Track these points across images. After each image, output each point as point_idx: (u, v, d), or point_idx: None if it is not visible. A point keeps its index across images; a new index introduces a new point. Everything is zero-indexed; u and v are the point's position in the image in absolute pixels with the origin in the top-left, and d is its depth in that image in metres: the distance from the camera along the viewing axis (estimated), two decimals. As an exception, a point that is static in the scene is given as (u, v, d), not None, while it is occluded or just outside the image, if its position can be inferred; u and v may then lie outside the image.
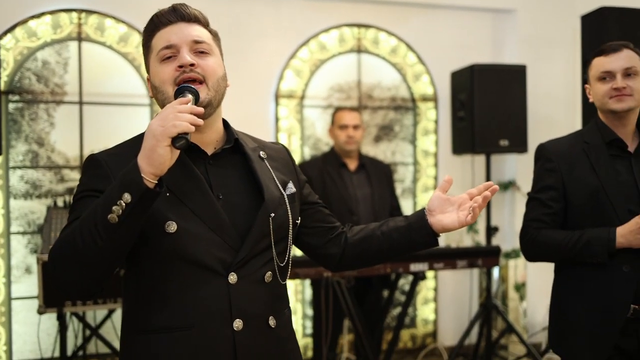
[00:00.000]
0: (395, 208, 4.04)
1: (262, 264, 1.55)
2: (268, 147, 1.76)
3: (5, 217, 4.16)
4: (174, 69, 1.53)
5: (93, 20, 4.34)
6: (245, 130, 3.80)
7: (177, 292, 1.47)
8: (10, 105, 4.19)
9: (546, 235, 2.35)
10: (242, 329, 1.49)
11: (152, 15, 1.62)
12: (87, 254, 1.35)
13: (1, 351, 4.16)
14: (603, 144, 2.32)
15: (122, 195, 1.31)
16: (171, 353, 1.46)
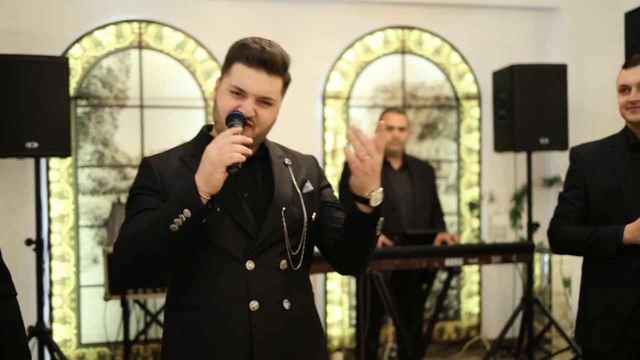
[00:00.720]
0: (436, 207, 4.19)
1: (277, 254, 1.77)
2: (296, 157, 1.94)
3: (75, 212, 4.56)
4: (236, 105, 1.74)
5: (152, 29, 4.68)
6: (293, 130, 4.10)
7: (203, 276, 1.74)
8: (79, 109, 4.57)
9: (566, 230, 2.54)
10: (258, 309, 1.72)
11: (244, 42, 1.79)
12: (149, 253, 1.64)
13: (72, 334, 4.55)
14: (627, 147, 2.47)
15: (183, 210, 1.59)
16: (198, 327, 1.73)
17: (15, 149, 3.84)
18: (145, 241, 1.62)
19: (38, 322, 3.97)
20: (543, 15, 5.29)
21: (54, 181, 4.51)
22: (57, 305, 4.51)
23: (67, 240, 4.53)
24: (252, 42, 1.77)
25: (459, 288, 5.22)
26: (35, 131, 3.85)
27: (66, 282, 4.53)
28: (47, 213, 4.45)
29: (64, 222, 4.53)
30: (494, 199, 5.04)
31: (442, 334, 5.20)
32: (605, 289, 2.45)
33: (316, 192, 1.89)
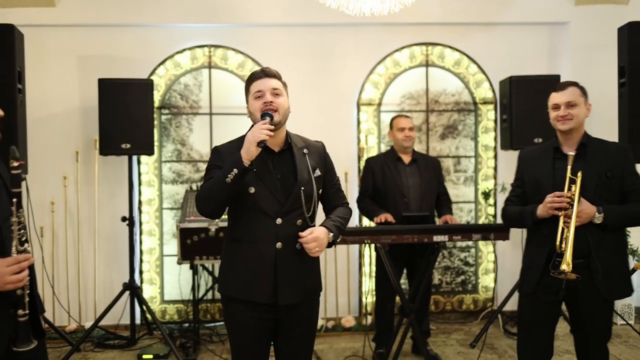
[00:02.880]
0: (443, 193, 5.04)
1: (296, 215, 2.80)
2: (311, 145, 2.95)
3: (159, 197, 5.81)
4: (262, 104, 2.79)
5: (219, 52, 5.85)
6: (332, 131, 5.30)
7: (249, 224, 2.75)
8: (162, 117, 5.81)
9: (508, 210, 3.49)
10: (281, 247, 2.76)
11: (251, 73, 2.86)
12: (215, 196, 2.64)
13: (157, 293, 5.82)
14: (552, 150, 3.36)
15: (233, 170, 2.57)
16: (244, 252, 2.75)
17: (113, 149, 5.13)
18: (212, 190, 2.63)
19: (130, 280, 5.24)
20: (553, 29, 6.05)
21: (144, 173, 5.78)
22: (146, 269, 5.79)
23: (153, 219, 5.80)
24: (255, 71, 2.88)
25: (476, 265, 6.10)
26: (128, 135, 5.13)
27: (152, 252, 5.80)
28: (138, 198, 5.73)
29: (151, 205, 5.80)
30: (505, 189, 5.86)
31: (462, 305, 6.10)
32: (531, 249, 3.36)
33: (322, 176, 2.91)
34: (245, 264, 2.76)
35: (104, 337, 5.40)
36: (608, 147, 3.36)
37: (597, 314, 3.22)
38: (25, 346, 2.25)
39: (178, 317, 5.82)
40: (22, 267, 2.21)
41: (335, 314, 5.85)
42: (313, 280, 2.88)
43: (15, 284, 2.20)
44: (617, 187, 3.24)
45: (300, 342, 2.88)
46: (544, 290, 3.25)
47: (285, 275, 2.74)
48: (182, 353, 4.96)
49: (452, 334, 5.66)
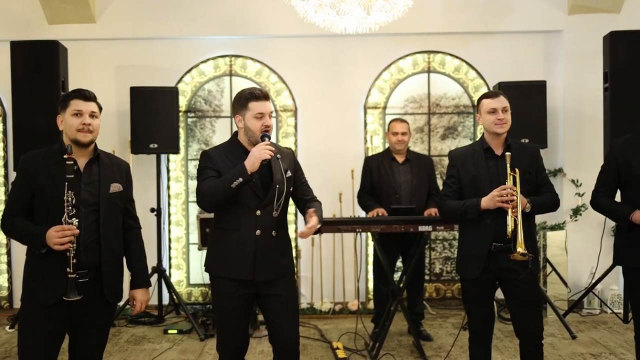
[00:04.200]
0: (433, 189, 5.53)
1: (272, 208, 3.37)
2: (283, 152, 3.53)
3: (186, 191, 6.51)
4: (262, 124, 3.30)
5: (239, 61, 6.52)
6: (342, 132, 6.30)
7: (235, 215, 3.26)
8: (189, 119, 6.51)
9: (448, 204, 3.84)
10: (260, 234, 3.33)
11: (249, 90, 3.29)
12: (219, 197, 3.14)
13: (183, 277, 6.53)
14: (482, 150, 3.82)
15: (239, 178, 3.08)
16: (229, 239, 3.27)
17: (143, 149, 5.86)
18: (218, 191, 3.13)
19: (158, 264, 5.95)
20: (548, 37, 6.50)
21: (172, 170, 6.49)
22: (174, 256, 6.50)
23: (180, 211, 6.51)
24: (254, 89, 3.39)
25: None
26: (156, 136, 5.84)
27: (179, 240, 6.51)
28: (167, 192, 6.43)
29: (178, 198, 6.51)
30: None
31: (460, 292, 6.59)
32: (472, 238, 3.76)
33: (292, 176, 3.48)
34: (230, 248, 3.31)
35: (137, 314, 6.11)
36: (525, 147, 3.81)
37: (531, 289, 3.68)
38: (69, 297, 2.91)
39: (202, 299, 6.51)
40: (66, 234, 2.89)
41: (342, 298, 6.44)
42: (285, 260, 3.43)
43: (59, 246, 2.89)
44: (534, 181, 3.71)
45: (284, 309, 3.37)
46: (487, 273, 3.68)
47: (262, 257, 3.30)
48: (203, 329, 5.63)
49: (449, 319, 6.17)
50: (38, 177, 3.01)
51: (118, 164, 3.26)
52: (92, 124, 3.06)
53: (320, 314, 6.25)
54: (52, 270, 2.96)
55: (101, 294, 3.07)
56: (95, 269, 3.04)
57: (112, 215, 3.14)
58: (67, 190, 2.93)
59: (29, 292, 3.04)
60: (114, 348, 5.30)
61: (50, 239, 2.88)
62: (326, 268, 6.49)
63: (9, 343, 5.46)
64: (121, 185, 3.21)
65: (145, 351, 5.22)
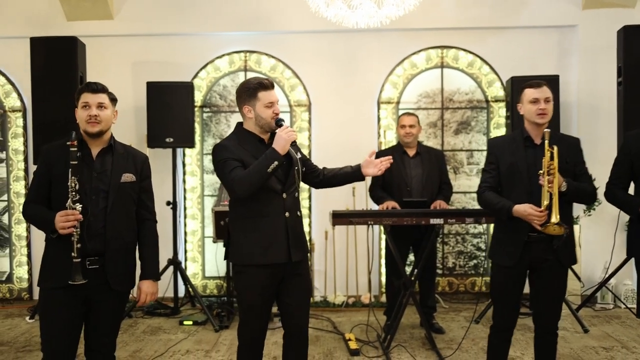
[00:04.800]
0: (444, 183, 5.57)
1: (293, 189, 3.49)
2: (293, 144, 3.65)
3: (201, 185, 6.60)
4: (273, 112, 3.40)
5: (254, 57, 6.59)
6: (355, 127, 6.36)
7: (263, 201, 3.32)
8: (204, 114, 6.60)
9: (485, 197, 3.88)
10: (289, 216, 3.42)
11: (257, 80, 3.38)
12: (257, 182, 3.20)
13: (199, 269, 6.62)
14: (522, 139, 3.82)
15: (273, 162, 3.19)
16: (260, 225, 3.32)
17: (159, 142, 5.95)
18: (254, 177, 3.19)
19: (174, 256, 6.04)
20: (562, 32, 6.50)
21: (188, 164, 6.59)
22: (189, 249, 6.59)
23: (196, 205, 6.60)
24: (260, 79, 3.46)
25: (487, 250, 6.61)
26: (172, 130, 5.93)
27: (195, 233, 6.60)
28: (182, 185, 6.53)
29: (194, 192, 6.60)
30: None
31: (474, 286, 6.64)
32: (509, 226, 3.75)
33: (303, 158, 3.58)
34: (263, 234, 3.36)
35: (152, 306, 6.20)
36: (565, 139, 3.83)
37: (558, 280, 3.73)
38: (73, 280, 3.02)
39: (217, 291, 6.59)
40: (69, 219, 3.02)
41: (355, 291, 6.50)
42: (306, 241, 3.56)
43: (63, 230, 3.02)
44: (572, 171, 3.72)
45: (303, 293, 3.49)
46: (522, 263, 3.72)
47: (293, 237, 3.40)
48: (217, 321, 5.72)
49: (461, 312, 6.21)
50: (56, 166, 3.14)
51: (134, 155, 3.35)
52: (99, 115, 3.16)
53: (333, 306, 6.31)
54: (62, 255, 3.09)
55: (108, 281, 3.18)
56: (103, 256, 3.15)
57: (122, 204, 3.22)
58: (70, 176, 3.05)
59: (43, 275, 3.18)
60: (130, 338, 5.40)
61: (56, 223, 3.02)
62: (339, 261, 6.55)
63: (28, 333, 5.59)
64: (134, 176, 3.29)
65: (161, 341, 5.32)
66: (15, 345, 5.24)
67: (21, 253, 6.64)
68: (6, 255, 6.65)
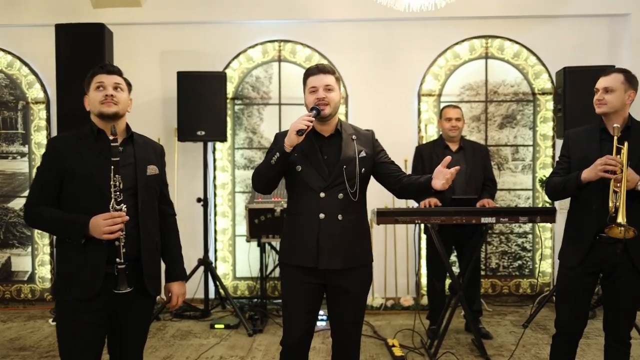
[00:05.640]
0: (488, 179, 5.24)
1: (339, 190, 3.15)
2: (360, 133, 3.30)
3: (232, 181, 6.30)
4: (315, 99, 3.16)
5: (288, 47, 6.28)
6: (394, 120, 5.77)
7: (299, 198, 3.16)
8: (236, 107, 6.29)
9: (552, 180, 3.62)
10: (324, 218, 3.12)
11: (308, 68, 3.22)
12: (263, 175, 3.07)
13: (229, 270, 6.31)
14: (598, 130, 3.55)
15: (277, 153, 2.97)
16: (295, 224, 3.15)
17: (190, 136, 5.65)
18: (261, 169, 3.06)
19: (204, 256, 5.74)
20: (613, 21, 6.14)
21: (218, 159, 6.28)
22: (220, 248, 6.29)
23: (227, 202, 6.29)
24: (311, 66, 3.22)
25: (533, 251, 6.28)
26: (203, 123, 5.63)
27: (226, 232, 6.30)
28: (213, 181, 6.22)
29: (224, 189, 6.30)
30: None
31: (519, 289, 6.30)
32: (577, 223, 3.51)
33: (369, 156, 3.24)
34: (295, 233, 3.16)
35: (181, 308, 5.91)
36: None
37: (631, 286, 3.40)
38: (120, 289, 2.71)
39: (249, 292, 6.29)
40: (116, 222, 2.68)
41: (394, 294, 6.17)
42: (358, 251, 3.19)
43: (109, 235, 2.67)
44: None
45: (347, 308, 3.19)
46: (588, 264, 3.42)
47: (326, 242, 3.08)
48: (251, 324, 5.42)
49: (507, 316, 5.87)
50: (68, 160, 2.78)
51: (152, 146, 3.07)
52: (115, 95, 2.86)
53: (371, 309, 5.99)
54: (90, 263, 2.74)
55: (141, 286, 2.86)
56: (134, 259, 2.82)
57: (150, 200, 2.94)
58: (113, 175, 2.71)
59: (65, 287, 2.81)
60: (159, 343, 5.11)
61: (97, 227, 2.67)
62: (377, 262, 6.14)
63: (52, 336, 5.31)
64: (157, 168, 3.00)
65: (192, 346, 5.02)
66: (38, 350, 4.97)
67: (43, 252, 6.36)
68: (28, 254, 6.38)
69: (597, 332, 5.19)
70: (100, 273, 2.73)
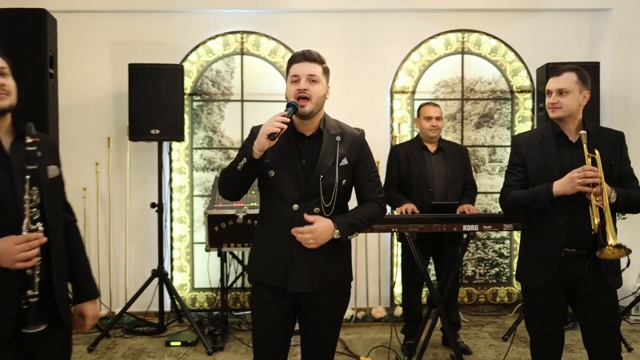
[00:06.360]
0: (468, 182, 4.89)
1: (315, 203, 2.69)
2: (347, 133, 2.81)
3: (190, 184, 5.80)
4: (296, 89, 2.69)
5: (252, 38, 5.80)
6: (365, 119, 5.08)
7: (271, 207, 2.71)
8: (194, 103, 5.79)
9: (513, 194, 3.22)
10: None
11: (293, 54, 2.75)
12: (229, 181, 2.66)
13: (187, 280, 5.81)
14: (553, 135, 3.19)
15: (243, 159, 2.54)
16: (265, 236, 2.73)
17: (142, 135, 5.14)
18: (228, 173, 2.66)
19: (159, 266, 5.24)
20: (595, 16, 5.85)
21: (175, 160, 5.77)
22: (176, 257, 5.78)
23: (184, 207, 5.79)
24: (297, 52, 2.75)
25: (511, 257, 5.94)
26: (157, 121, 5.13)
27: (183, 239, 5.80)
28: (169, 185, 5.72)
29: (181, 192, 5.79)
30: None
31: (496, 297, 5.96)
32: (540, 241, 3.15)
33: (351, 164, 2.76)
34: (265, 246, 2.74)
35: (134, 323, 5.41)
36: (606, 133, 3.24)
37: (605, 302, 3.08)
38: (33, 328, 2.19)
39: (208, 304, 5.80)
40: (32, 246, 2.18)
41: (365, 304, 5.77)
42: (335, 271, 2.77)
43: (24, 263, 2.17)
44: (616, 175, 3.13)
45: (321, 333, 2.81)
46: (556, 284, 3.09)
47: (298, 261, 2.66)
48: (210, 341, 4.95)
49: (484, 327, 5.53)
50: None
51: (45, 139, 2.48)
52: (5, 83, 2.33)
53: (341, 322, 5.56)
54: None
55: (54, 315, 2.35)
56: (44, 285, 2.29)
57: (55, 208, 2.42)
58: (29, 187, 2.19)
59: None
60: (109, 363, 4.61)
61: (8, 255, 2.15)
62: (346, 271, 5.80)
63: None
64: (57, 167, 2.47)
65: (146, 367, 4.54)
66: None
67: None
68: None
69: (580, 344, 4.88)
70: (12, 310, 2.20)
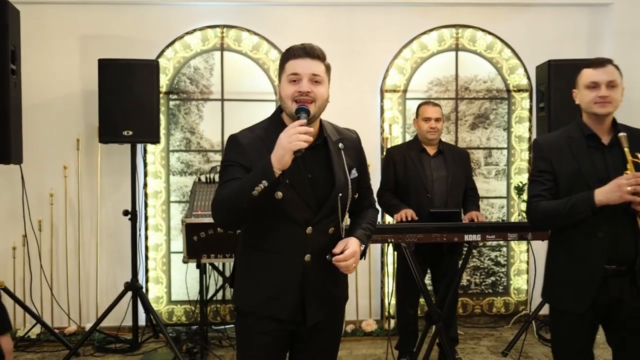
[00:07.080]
0: (470, 188, 4.58)
1: (328, 223, 2.34)
2: (345, 138, 2.46)
3: (167, 189, 5.40)
4: (295, 90, 2.28)
5: (232, 33, 5.42)
6: (354, 119, 4.70)
7: (277, 232, 2.30)
8: (170, 102, 5.39)
9: (544, 206, 2.85)
10: (310, 260, 2.31)
11: (289, 48, 2.30)
12: (237, 210, 2.17)
13: (163, 292, 5.41)
14: (582, 137, 2.86)
15: (262, 181, 2.07)
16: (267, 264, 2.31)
17: (114, 136, 4.73)
18: (235, 201, 2.15)
19: (132, 279, 4.83)
20: (594, 12, 5.56)
21: (150, 163, 5.36)
22: (152, 267, 5.37)
23: (160, 213, 5.39)
24: (295, 45, 2.33)
25: (508, 266, 5.63)
26: (131, 121, 4.72)
27: (159, 248, 5.39)
28: (143, 190, 5.31)
29: (157, 198, 5.39)
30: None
31: (492, 308, 5.64)
32: (575, 256, 2.79)
33: (359, 176, 2.44)
34: (268, 276, 2.33)
35: (105, 340, 5.00)
36: (635, 134, 2.88)
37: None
38: None
39: (186, 318, 5.40)
40: None
41: (355, 317, 5.41)
42: (339, 291, 2.46)
43: None
44: None
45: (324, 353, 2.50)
46: (594, 309, 2.75)
47: (313, 291, 2.32)
48: (188, 358, 4.56)
49: (481, 340, 5.20)
50: None
51: None
52: None
53: (329, 337, 5.20)
54: None
55: None
56: None
57: None
58: None
59: None
60: (78, 387, 4.20)
61: None
62: (334, 281, 5.44)
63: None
64: None
65: (119, 391, 4.14)
66: None
67: None
68: None
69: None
70: None
